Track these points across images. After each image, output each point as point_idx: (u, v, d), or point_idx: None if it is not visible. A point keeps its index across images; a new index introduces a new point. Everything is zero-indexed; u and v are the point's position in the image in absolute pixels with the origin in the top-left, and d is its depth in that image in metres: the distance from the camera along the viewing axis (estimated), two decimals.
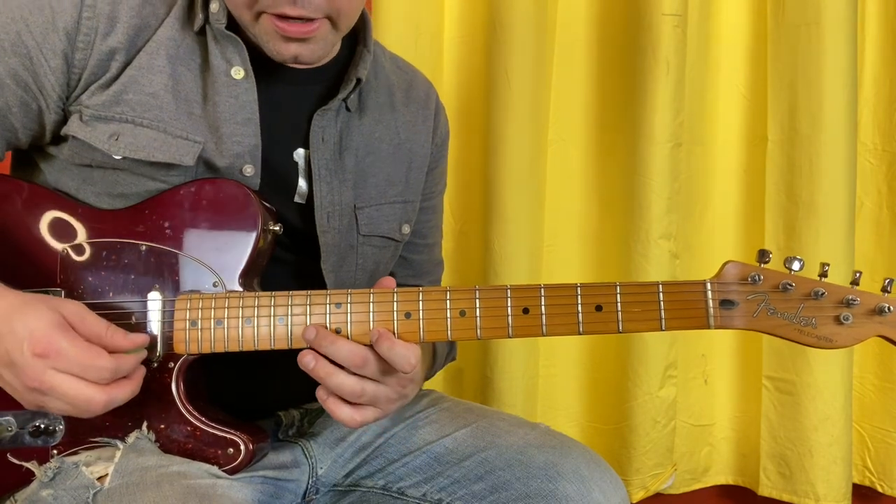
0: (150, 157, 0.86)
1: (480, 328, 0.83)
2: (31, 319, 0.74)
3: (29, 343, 0.73)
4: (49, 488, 0.79)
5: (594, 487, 0.89)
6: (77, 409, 0.75)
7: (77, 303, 0.78)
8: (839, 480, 1.59)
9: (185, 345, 0.83)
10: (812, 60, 1.53)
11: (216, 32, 0.90)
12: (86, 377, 0.74)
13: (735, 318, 0.82)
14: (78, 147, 0.87)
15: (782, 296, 0.82)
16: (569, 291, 0.82)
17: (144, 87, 0.87)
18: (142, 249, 0.85)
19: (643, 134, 1.54)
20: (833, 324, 0.81)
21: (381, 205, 1.02)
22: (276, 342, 0.83)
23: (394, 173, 1.03)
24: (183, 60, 0.89)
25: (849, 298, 0.80)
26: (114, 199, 0.88)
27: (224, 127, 0.89)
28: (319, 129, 0.95)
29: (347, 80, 0.97)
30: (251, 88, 0.90)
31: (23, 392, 0.75)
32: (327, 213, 0.95)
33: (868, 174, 1.68)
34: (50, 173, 0.91)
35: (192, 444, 0.84)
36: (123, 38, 0.87)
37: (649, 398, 1.59)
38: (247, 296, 0.83)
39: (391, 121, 1.04)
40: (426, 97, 1.11)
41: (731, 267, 0.83)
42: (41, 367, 0.73)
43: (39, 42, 0.85)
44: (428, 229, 1.14)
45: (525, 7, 1.49)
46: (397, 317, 0.82)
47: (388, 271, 1.08)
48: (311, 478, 0.96)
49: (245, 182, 0.90)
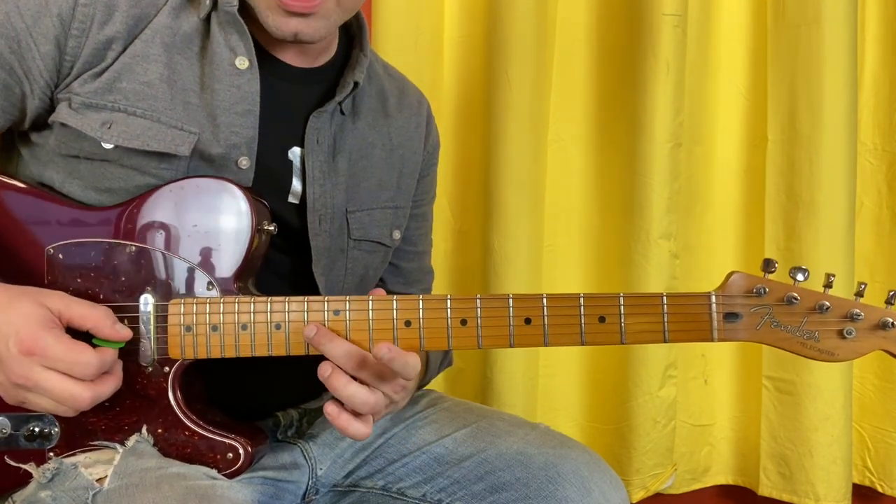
0: (144, 146, 0.84)
1: (481, 337, 0.82)
2: (15, 315, 0.73)
3: (15, 340, 0.73)
4: (48, 489, 0.78)
5: (594, 488, 0.89)
6: (62, 405, 0.75)
7: (61, 293, 0.78)
8: (839, 480, 1.59)
9: (181, 350, 0.81)
10: (812, 60, 1.53)
11: (223, 19, 0.88)
12: (71, 374, 0.74)
13: (739, 331, 0.82)
14: (65, 136, 0.85)
15: (787, 309, 0.81)
16: (571, 301, 0.81)
17: (139, 76, 0.85)
18: (132, 250, 0.83)
19: (643, 134, 1.54)
20: (836, 337, 0.81)
21: (372, 209, 1.01)
22: (273, 349, 0.82)
23: (386, 178, 1.03)
24: (179, 49, 0.88)
25: (853, 313, 0.80)
26: (100, 194, 0.85)
27: (221, 116, 0.87)
28: (315, 130, 0.94)
29: (344, 84, 0.96)
30: (254, 80, 0.89)
31: (8, 387, 0.75)
32: (319, 215, 0.95)
33: (868, 174, 1.68)
34: (34, 165, 0.88)
35: (191, 449, 0.83)
36: (122, 27, 0.85)
37: (649, 398, 1.58)
38: (243, 301, 0.82)
39: (384, 126, 1.04)
40: (418, 105, 1.11)
41: (736, 278, 0.82)
42: (27, 364, 0.73)
43: (30, 25, 0.83)
44: (418, 237, 1.14)
45: (525, 7, 1.49)
46: (397, 325, 0.81)
47: (377, 277, 1.07)
48: (310, 478, 0.96)
49: (240, 175, 0.88)
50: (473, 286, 1.58)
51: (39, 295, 0.76)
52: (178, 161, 0.86)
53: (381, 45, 1.47)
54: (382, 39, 1.48)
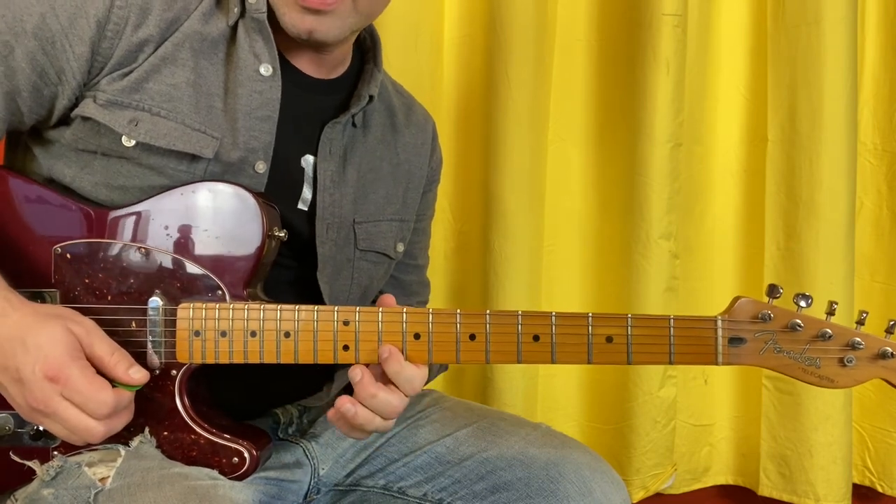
0: (170, 146, 0.84)
1: (490, 352, 0.82)
2: (45, 339, 0.74)
3: (42, 365, 0.73)
4: (50, 487, 0.79)
5: (596, 488, 0.90)
6: (76, 436, 0.75)
7: (90, 323, 0.77)
8: (839, 480, 1.59)
9: (189, 354, 0.81)
10: (812, 60, 1.53)
11: (250, 26, 0.89)
12: (85, 409, 0.74)
13: (742, 356, 0.83)
14: (84, 131, 0.85)
15: (790, 335, 0.82)
16: (580, 321, 0.82)
17: (166, 79, 0.86)
18: (141, 252, 0.82)
19: (643, 134, 1.54)
20: (836, 365, 0.82)
21: (379, 221, 1.02)
22: (281, 356, 0.81)
23: (392, 192, 1.04)
24: (206, 54, 0.88)
25: (854, 341, 0.81)
26: (112, 191, 0.85)
27: (242, 120, 0.88)
28: (329, 139, 0.95)
29: (359, 97, 0.97)
30: (276, 87, 0.90)
31: (26, 409, 0.75)
32: (327, 223, 0.95)
33: (868, 174, 1.68)
34: (44, 158, 0.88)
35: (197, 452, 0.82)
36: (155, 30, 0.85)
37: (649, 398, 1.59)
38: (252, 307, 0.81)
39: (392, 141, 1.05)
40: (424, 122, 1.12)
41: (742, 303, 0.83)
42: (49, 391, 0.73)
43: (65, 27, 0.82)
44: (418, 251, 1.15)
45: (525, 7, 1.49)
46: (406, 337, 0.81)
47: (378, 289, 1.08)
48: (312, 478, 0.96)
49: (255, 179, 0.89)
50: (473, 286, 1.58)
51: (68, 321, 0.76)
52: (199, 163, 0.86)
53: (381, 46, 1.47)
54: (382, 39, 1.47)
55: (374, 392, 0.80)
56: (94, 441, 0.76)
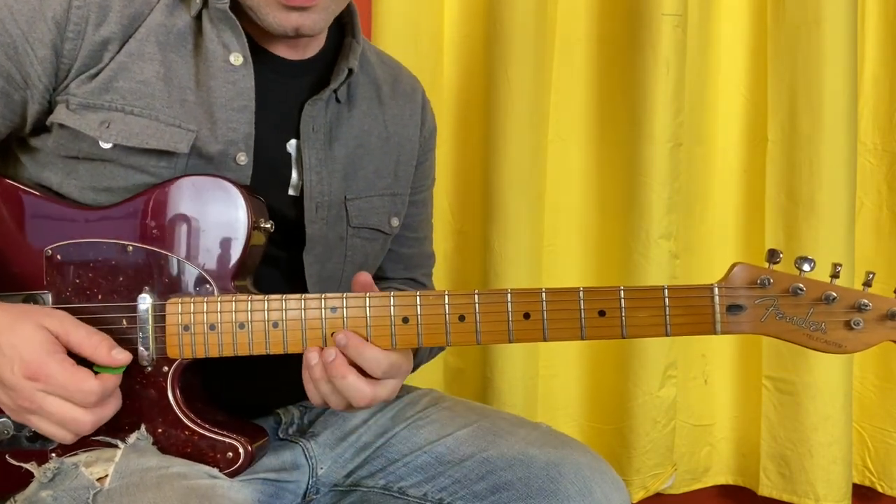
0: (143, 144, 0.84)
1: (480, 332, 0.81)
2: (18, 339, 0.74)
3: (19, 365, 0.74)
4: (48, 489, 0.78)
5: (596, 488, 0.89)
6: (65, 429, 0.76)
7: (61, 313, 0.78)
8: (839, 480, 1.59)
9: (179, 349, 0.81)
10: (812, 60, 1.53)
11: (214, 15, 0.88)
12: (73, 401, 0.75)
13: (742, 324, 0.80)
14: (64, 137, 0.85)
15: (792, 300, 0.79)
16: (571, 296, 0.80)
17: (135, 75, 0.85)
18: (129, 250, 0.83)
19: (643, 134, 1.53)
20: (843, 329, 0.79)
21: (370, 196, 1.01)
22: (270, 347, 0.82)
23: (383, 166, 1.03)
24: (173, 47, 0.88)
25: (861, 303, 0.78)
26: (98, 194, 0.85)
27: (218, 112, 0.87)
28: (310, 118, 0.94)
29: (338, 71, 0.96)
30: (249, 75, 0.89)
31: (13, 409, 0.76)
32: (316, 203, 0.94)
33: (868, 174, 1.68)
34: (32, 167, 0.88)
35: (191, 448, 0.83)
36: (117, 27, 0.85)
37: (649, 398, 1.58)
38: (240, 299, 0.82)
39: (379, 114, 1.04)
40: (412, 91, 1.11)
41: (739, 270, 0.80)
42: (31, 389, 0.74)
43: (25, 31, 0.82)
44: (418, 223, 1.14)
45: (525, 7, 1.49)
46: (394, 321, 0.81)
47: (376, 265, 1.07)
48: (311, 478, 0.96)
49: (238, 172, 0.88)
50: (473, 286, 1.58)
51: (40, 316, 0.76)
52: (177, 159, 0.86)
53: (381, 46, 1.46)
54: (382, 40, 1.48)
55: (344, 373, 0.80)
56: (84, 432, 0.76)
